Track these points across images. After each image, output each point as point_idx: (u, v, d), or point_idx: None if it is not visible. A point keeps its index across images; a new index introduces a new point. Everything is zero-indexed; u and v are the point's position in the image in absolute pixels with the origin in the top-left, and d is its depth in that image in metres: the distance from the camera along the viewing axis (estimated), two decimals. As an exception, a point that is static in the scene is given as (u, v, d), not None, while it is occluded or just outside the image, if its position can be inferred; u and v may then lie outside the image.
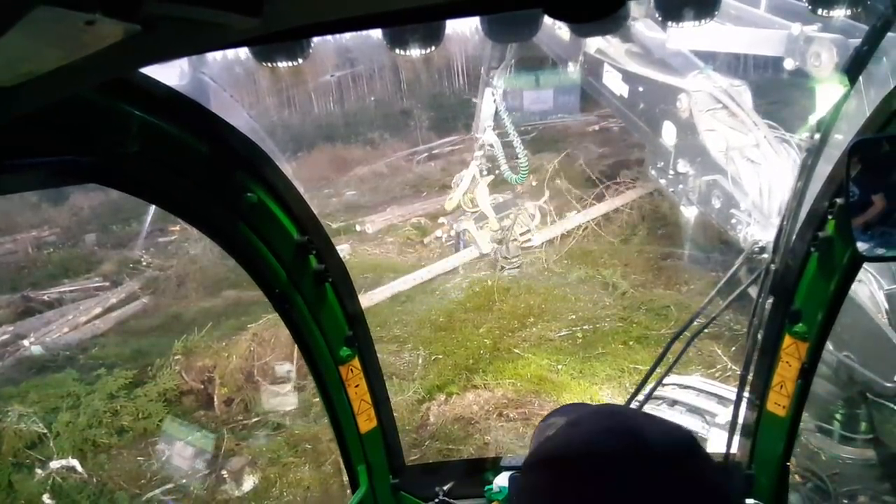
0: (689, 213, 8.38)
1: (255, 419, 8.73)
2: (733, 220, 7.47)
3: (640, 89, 8.29)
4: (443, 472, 2.62)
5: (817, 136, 2.03)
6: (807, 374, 2.16)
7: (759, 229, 7.55)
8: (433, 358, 9.78)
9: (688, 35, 7.54)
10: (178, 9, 0.70)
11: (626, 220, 13.97)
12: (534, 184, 15.17)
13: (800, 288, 2.10)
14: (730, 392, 6.12)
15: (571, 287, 11.74)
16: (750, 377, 2.40)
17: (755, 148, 7.26)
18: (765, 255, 2.37)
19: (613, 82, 8.64)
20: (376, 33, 1.47)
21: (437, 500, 2.47)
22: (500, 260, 12.24)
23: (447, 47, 21.17)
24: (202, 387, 9.11)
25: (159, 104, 1.56)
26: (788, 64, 7.01)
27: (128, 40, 0.70)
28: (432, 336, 10.36)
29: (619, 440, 0.83)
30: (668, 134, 7.98)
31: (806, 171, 2.12)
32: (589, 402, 8.28)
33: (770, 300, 2.24)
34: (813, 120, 2.04)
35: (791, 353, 2.15)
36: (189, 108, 1.67)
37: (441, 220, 15.50)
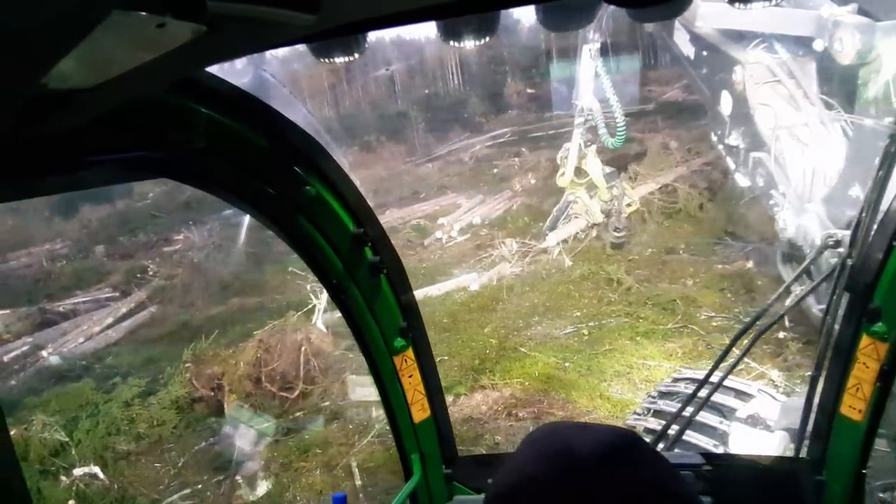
0: (743, 182, 8.23)
1: (259, 428, 8.85)
2: (771, 202, 7.34)
3: (704, 53, 8.17)
4: (495, 465, 2.57)
5: None
6: (887, 376, 1.98)
7: (791, 214, 7.44)
8: (438, 359, 9.81)
9: (718, 13, 7.38)
10: (241, 8, 0.76)
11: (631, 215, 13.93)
12: (533, 181, 15.13)
13: (880, 284, 1.92)
14: (746, 386, 6.10)
15: (575, 284, 11.74)
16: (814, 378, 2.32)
17: (805, 127, 7.13)
18: (840, 249, 2.27)
19: (682, 41, 8.59)
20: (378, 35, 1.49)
21: None
22: (609, 231, 12.38)
23: (438, 50, 20.96)
24: (212, 394, 9.21)
25: (224, 102, 1.64)
26: (818, 45, 6.87)
27: (195, 40, 0.77)
28: (436, 337, 10.40)
29: (550, 463, 0.87)
30: (726, 104, 7.89)
31: (889, 160, 2.01)
32: (595, 400, 8.30)
33: (846, 297, 2.10)
34: None
35: (869, 354, 1.98)
36: (251, 104, 1.75)
37: (440, 220, 15.54)
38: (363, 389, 8.67)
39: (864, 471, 2.15)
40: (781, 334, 8.29)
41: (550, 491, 0.85)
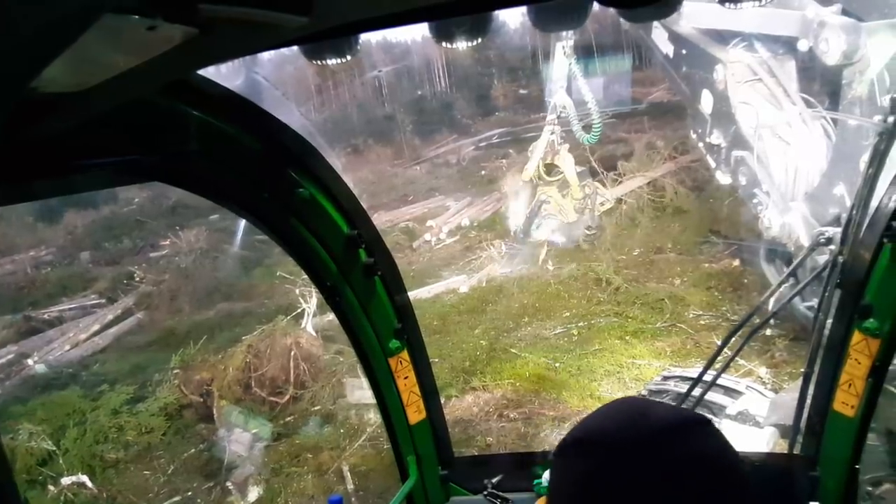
0: (724, 179, 8.34)
1: (254, 430, 8.80)
2: (755, 200, 7.41)
3: (684, 52, 8.26)
4: (492, 465, 2.63)
5: (891, 118, 1.95)
6: (878, 372, 1.99)
7: (776, 213, 7.53)
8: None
9: (702, 13, 7.47)
10: (232, 11, 0.75)
11: (624, 213, 14.01)
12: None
13: (871, 281, 1.93)
14: (735, 383, 6.15)
15: (564, 284, 11.77)
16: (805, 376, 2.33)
17: (787, 126, 7.19)
18: (831, 247, 2.26)
19: (661, 40, 8.66)
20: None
21: (485, 493, 2.46)
22: (581, 229, 12.60)
23: (424, 53, 20.93)
24: (201, 400, 9.14)
25: (216, 104, 1.63)
26: (803, 45, 6.94)
27: (187, 43, 0.77)
28: (426, 340, 10.22)
29: (624, 422, 0.91)
30: (706, 102, 7.98)
31: (878, 157, 2.00)
32: (587, 400, 8.35)
33: (837, 294, 2.11)
34: (887, 100, 1.96)
35: (861, 350, 1.99)
36: (244, 107, 1.74)
37: (429, 223, 15.53)
38: (361, 392, 8.67)
39: (857, 466, 2.17)
40: (768, 331, 8.38)
41: (622, 446, 0.87)
